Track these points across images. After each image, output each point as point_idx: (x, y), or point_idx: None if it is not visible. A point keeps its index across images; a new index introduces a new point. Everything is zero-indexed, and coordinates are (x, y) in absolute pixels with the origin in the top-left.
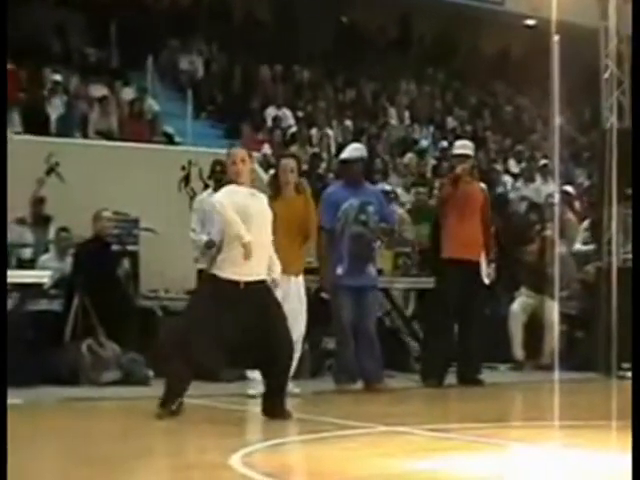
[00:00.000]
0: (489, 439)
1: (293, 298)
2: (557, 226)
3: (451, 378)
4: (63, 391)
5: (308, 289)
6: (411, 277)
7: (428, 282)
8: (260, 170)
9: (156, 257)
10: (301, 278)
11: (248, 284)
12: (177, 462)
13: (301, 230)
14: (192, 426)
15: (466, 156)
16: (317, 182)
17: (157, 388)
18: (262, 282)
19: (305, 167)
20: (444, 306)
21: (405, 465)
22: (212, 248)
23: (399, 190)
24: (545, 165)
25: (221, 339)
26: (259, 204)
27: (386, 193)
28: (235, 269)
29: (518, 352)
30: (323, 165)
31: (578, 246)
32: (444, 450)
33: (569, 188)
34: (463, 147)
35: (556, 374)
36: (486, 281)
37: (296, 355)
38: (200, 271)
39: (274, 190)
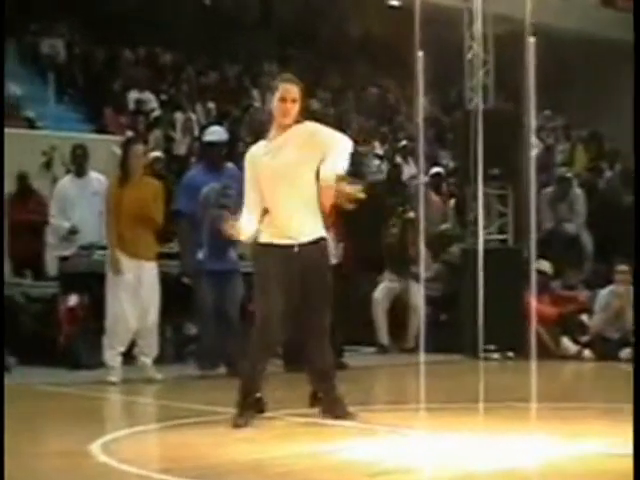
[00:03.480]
0: (350, 422)
1: (145, 284)
2: (422, 208)
3: None
4: None
5: (169, 274)
6: None
7: None
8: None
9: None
10: (154, 264)
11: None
12: (35, 450)
13: (151, 215)
14: (51, 413)
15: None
16: (173, 164)
17: (17, 375)
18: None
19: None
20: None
21: (266, 450)
22: (75, 234)
23: None
24: (405, 146)
25: None
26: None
27: None
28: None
29: (383, 338)
30: (183, 148)
31: (443, 227)
32: (306, 435)
33: (439, 169)
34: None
35: (421, 356)
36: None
37: (153, 341)
38: (62, 258)
39: (123, 174)
